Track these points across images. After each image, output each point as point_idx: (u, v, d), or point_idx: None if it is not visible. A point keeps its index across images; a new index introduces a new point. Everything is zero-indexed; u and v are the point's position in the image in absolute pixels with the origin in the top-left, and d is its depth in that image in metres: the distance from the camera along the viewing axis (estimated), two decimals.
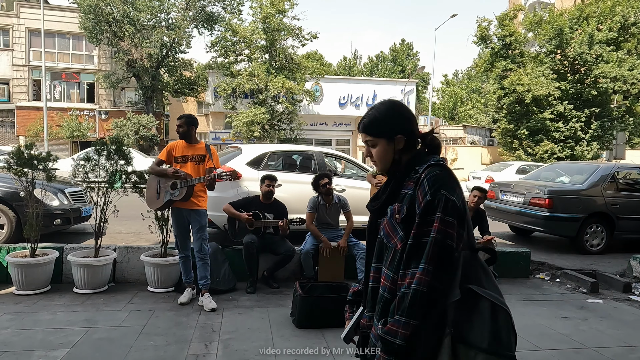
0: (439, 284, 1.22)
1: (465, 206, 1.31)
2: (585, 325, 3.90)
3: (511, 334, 1.24)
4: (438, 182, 1.29)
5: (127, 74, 23.86)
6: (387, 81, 31.83)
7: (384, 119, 1.41)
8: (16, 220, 5.61)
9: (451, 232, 1.25)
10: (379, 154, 1.43)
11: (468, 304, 1.23)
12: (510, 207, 7.50)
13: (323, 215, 4.84)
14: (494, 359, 1.19)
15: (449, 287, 1.24)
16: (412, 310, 1.22)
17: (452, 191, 1.28)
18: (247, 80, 21.96)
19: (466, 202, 1.44)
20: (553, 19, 24.43)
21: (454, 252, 1.25)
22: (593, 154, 23.41)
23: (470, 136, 34.74)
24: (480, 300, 1.23)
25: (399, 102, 1.48)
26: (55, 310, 3.70)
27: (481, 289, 1.25)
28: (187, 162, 3.97)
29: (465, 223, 1.31)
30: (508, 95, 24.18)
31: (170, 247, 4.47)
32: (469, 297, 1.23)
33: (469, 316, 1.22)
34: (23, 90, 25.08)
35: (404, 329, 1.23)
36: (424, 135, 1.45)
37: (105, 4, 21.41)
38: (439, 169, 1.32)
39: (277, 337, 3.34)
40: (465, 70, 51.20)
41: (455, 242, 1.25)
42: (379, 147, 1.42)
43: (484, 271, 1.30)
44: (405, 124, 1.42)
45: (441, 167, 1.33)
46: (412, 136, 1.42)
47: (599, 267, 5.89)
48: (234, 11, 24.39)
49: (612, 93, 23.63)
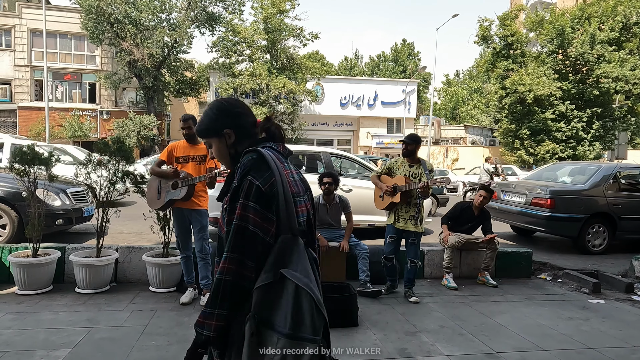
0: (242, 271, 1.21)
1: (279, 189, 1.28)
2: (587, 325, 3.89)
3: (316, 317, 1.20)
4: (246, 168, 1.30)
5: (129, 74, 23.90)
6: (389, 81, 31.81)
7: (209, 120, 1.46)
8: (18, 220, 5.62)
9: (253, 217, 1.23)
10: (216, 152, 1.47)
11: (275, 288, 1.20)
12: (512, 207, 7.50)
13: (324, 216, 4.83)
14: (296, 343, 1.16)
15: (257, 272, 1.22)
16: (215, 300, 1.22)
17: (259, 176, 1.27)
18: (249, 81, 21.98)
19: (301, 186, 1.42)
20: (555, 19, 24.40)
21: (257, 237, 1.23)
22: (595, 154, 23.37)
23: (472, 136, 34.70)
24: (288, 285, 1.20)
25: (224, 99, 1.51)
26: (57, 310, 3.70)
27: (290, 272, 1.21)
28: (189, 162, 3.98)
29: (275, 206, 1.27)
30: (509, 95, 24.16)
31: (172, 247, 4.47)
32: (278, 281, 1.20)
33: (275, 300, 1.19)
34: (25, 90, 25.14)
35: (209, 320, 1.23)
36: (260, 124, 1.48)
37: (107, 5, 21.44)
38: (253, 155, 1.33)
39: None
40: (466, 70, 51.18)
41: (260, 228, 1.23)
42: (214, 145, 1.47)
43: (299, 254, 1.26)
44: (232, 119, 1.45)
45: (256, 152, 1.34)
46: (242, 128, 1.44)
47: (600, 268, 5.87)
48: (235, 11, 24.42)
49: (614, 93, 23.59)
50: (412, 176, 4.23)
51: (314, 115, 28.03)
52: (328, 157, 6.96)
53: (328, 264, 4.68)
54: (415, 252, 4.31)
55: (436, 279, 5.10)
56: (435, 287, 4.86)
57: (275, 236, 1.27)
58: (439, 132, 34.03)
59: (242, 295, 1.22)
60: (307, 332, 1.18)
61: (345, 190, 6.54)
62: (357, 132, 30.07)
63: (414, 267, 4.32)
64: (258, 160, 1.31)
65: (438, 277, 5.10)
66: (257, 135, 1.47)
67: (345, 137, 30.61)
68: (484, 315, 4.02)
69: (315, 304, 1.21)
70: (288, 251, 1.25)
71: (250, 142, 1.43)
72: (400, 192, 4.19)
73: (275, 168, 1.31)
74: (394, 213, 4.32)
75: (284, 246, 1.25)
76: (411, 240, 4.29)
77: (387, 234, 4.40)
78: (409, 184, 4.16)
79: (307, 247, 1.33)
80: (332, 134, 29.97)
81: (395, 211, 4.31)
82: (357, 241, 4.77)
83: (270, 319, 1.17)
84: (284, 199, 1.29)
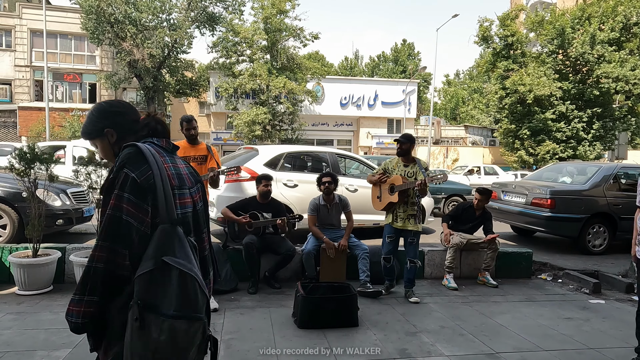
0: (115, 258, 1.26)
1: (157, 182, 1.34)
2: (587, 325, 3.89)
3: (199, 297, 1.28)
4: (123, 161, 1.35)
5: (129, 75, 23.90)
6: (389, 81, 31.81)
7: (90, 122, 1.52)
8: (18, 221, 5.61)
9: (127, 207, 1.29)
10: (101, 151, 1.54)
11: (160, 274, 1.24)
12: (512, 208, 7.50)
13: (325, 216, 4.83)
14: (182, 322, 1.22)
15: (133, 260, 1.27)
16: (84, 288, 1.27)
17: (135, 168, 1.34)
18: (249, 81, 21.98)
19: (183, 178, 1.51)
20: (555, 19, 24.40)
21: (131, 226, 1.29)
22: (596, 154, 23.36)
23: (472, 136, 34.70)
24: (172, 270, 1.25)
25: (104, 101, 1.59)
26: (57, 310, 3.70)
27: (173, 259, 1.26)
28: (190, 162, 3.97)
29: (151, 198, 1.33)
30: (510, 95, 24.15)
31: None
32: (162, 268, 1.25)
33: (160, 286, 1.24)
34: (25, 90, 25.15)
35: (77, 307, 1.27)
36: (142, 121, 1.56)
37: (107, 5, 21.44)
38: (130, 149, 1.39)
39: (279, 338, 3.34)
40: (466, 70, 51.18)
41: (134, 217, 1.29)
42: (99, 145, 1.53)
43: (179, 242, 1.32)
44: (111, 119, 1.51)
45: (134, 147, 1.39)
46: (122, 127, 1.51)
47: (601, 268, 5.87)
48: (236, 11, 24.39)
49: (614, 93, 23.59)
50: (408, 175, 4.24)
51: (314, 116, 28.04)
52: (334, 158, 7.03)
53: (328, 264, 4.69)
54: (414, 252, 4.30)
55: (436, 279, 5.10)
56: (436, 287, 4.86)
57: (152, 226, 1.33)
58: (439, 133, 34.03)
59: (115, 282, 1.28)
60: (192, 310, 1.25)
61: (351, 190, 6.57)
62: (357, 132, 30.07)
63: (414, 267, 4.32)
64: (135, 154, 1.37)
65: (438, 278, 5.10)
66: (141, 132, 1.54)
67: (346, 138, 30.61)
68: (485, 316, 4.02)
69: (198, 285, 1.28)
70: (168, 240, 1.30)
71: (134, 138, 1.49)
72: (398, 192, 4.19)
73: (153, 162, 1.37)
74: (392, 213, 4.32)
75: (163, 235, 1.30)
76: (410, 240, 4.29)
77: (385, 234, 4.41)
78: (406, 182, 4.16)
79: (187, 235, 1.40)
80: (332, 134, 29.98)
81: (393, 211, 4.31)
82: (357, 241, 4.77)
83: (155, 304, 1.22)
84: (162, 191, 1.35)
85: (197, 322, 1.26)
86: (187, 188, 1.51)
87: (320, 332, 3.45)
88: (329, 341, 3.29)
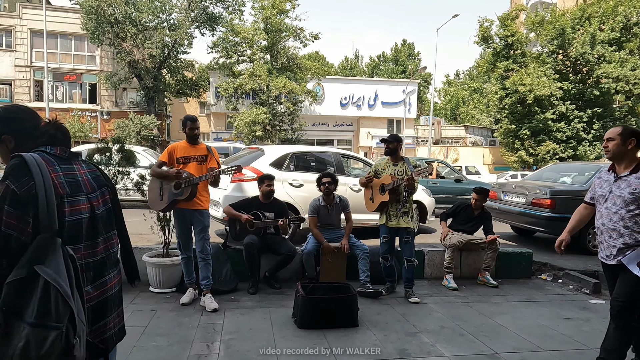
0: None
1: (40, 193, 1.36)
2: (587, 326, 3.89)
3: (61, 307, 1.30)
4: (6, 172, 1.38)
5: (129, 75, 23.92)
6: (389, 81, 31.82)
7: None
8: None
9: (6, 219, 1.32)
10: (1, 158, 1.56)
11: (28, 282, 1.28)
12: (512, 208, 7.49)
13: (326, 217, 4.83)
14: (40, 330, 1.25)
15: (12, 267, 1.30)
16: None
17: (16, 180, 1.36)
18: (249, 81, 22.00)
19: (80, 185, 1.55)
20: (555, 19, 24.41)
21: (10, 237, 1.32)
22: (596, 154, 23.36)
23: (472, 136, 34.69)
24: (39, 279, 1.29)
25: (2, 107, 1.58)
26: None
27: (42, 268, 1.29)
28: (190, 162, 3.98)
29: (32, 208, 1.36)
30: (510, 95, 24.15)
31: (172, 248, 4.47)
32: (31, 277, 1.29)
33: (26, 293, 1.28)
34: (25, 91, 25.16)
35: None
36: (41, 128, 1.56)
37: (107, 5, 21.46)
38: (15, 160, 1.41)
39: (279, 338, 3.34)
40: (467, 70, 51.20)
41: (13, 228, 1.33)
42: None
43: (53, 252, 1.35)
44: (8, 125, 1.53)
45: (19, 157, 1.41)
46: (21, 134, 1.53)
47: (601, 268, 5.86)
48: (236, 12, 24.43)
49: (614, 93, 23.59)
50: (398, 174, 4.30)
51: (314, 116, 28.05)
52: (339, 158, 7.08)
53: (328, 264, 4.69)
54: (410, 251, 4.31)
55: (436, 279, 5.10)
56: (436, 287, 4.86)
57: (34, 235, 1.35)
58: (439, 133, 34.04)
59: None
60: (51, 320, 1.28)
61: (355, 190, 6.58)
62: (358, 132, 30.08)
63: (412, 266, 4.33)
64: (18, 165, 1.39)
65: (438, 278, 5.10)
66: (41, 138, 1.54)
67: (346, 138, 30.63)
68: (485, 316, 4.02)
69: (61, 295, 1.30)
70: (43, 249, 1.33)
71: (32, 145, 1.51)
72: (389, 190, 4.23)
73: (37, 172, 1.39)
74: (385, 213, 4.36)
75: (39, 245, 1.34)
76: (405, 239, 4.31)
77: (380, 234, 4.44)
78: (395, 181, 4.21)
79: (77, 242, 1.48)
80: (333, 134, 29.99)
81: (386, 211, 4.35)
82: (358, 241, 4.77)
83: (20, 310, 1.26)
84: (45, 201, 1.37)
85: (55, 332, 1.28)
86: (85, 194, 1.54)
87: (320, 332, 3.45)
88: (329, 341, 3.29)
